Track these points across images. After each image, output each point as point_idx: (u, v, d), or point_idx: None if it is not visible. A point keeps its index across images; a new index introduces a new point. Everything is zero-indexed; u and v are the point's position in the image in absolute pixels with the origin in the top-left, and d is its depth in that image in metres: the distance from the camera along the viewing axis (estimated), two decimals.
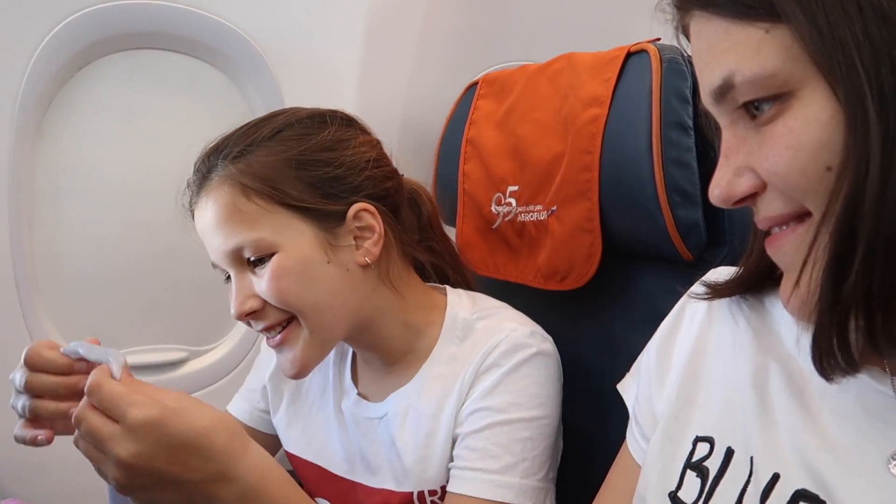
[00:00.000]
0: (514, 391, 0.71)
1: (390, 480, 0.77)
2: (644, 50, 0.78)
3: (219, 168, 0.72)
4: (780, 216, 0.43)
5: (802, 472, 0.46)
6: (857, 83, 0.37)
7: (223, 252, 0.71)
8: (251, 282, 0.71)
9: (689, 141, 0.74)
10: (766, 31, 0.40)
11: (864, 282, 0.39)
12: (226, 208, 0.70)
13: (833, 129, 0.38)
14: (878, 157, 0.37)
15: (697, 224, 0.75)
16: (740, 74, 0.41)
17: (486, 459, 0.70)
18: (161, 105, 1.04)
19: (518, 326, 0.74)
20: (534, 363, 0.73)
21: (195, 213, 0.75)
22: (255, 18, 1.01)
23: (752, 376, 0.52)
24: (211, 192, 0.72)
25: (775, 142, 0.41)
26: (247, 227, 0.70)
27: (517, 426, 0.71)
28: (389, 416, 0.77)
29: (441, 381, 0.75)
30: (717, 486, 0.50)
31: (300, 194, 0.71)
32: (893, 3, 0.37)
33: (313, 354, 0.73)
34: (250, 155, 0.72)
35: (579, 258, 0.82)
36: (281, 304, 0.71)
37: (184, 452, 0.57)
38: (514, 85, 0.94)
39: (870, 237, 0.38)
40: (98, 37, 0.95)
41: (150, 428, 0.56)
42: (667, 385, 0.58)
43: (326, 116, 0.76)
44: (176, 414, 0.57)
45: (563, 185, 0.83)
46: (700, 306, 0.59)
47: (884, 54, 0.37)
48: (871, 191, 0.37)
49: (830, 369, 0.43)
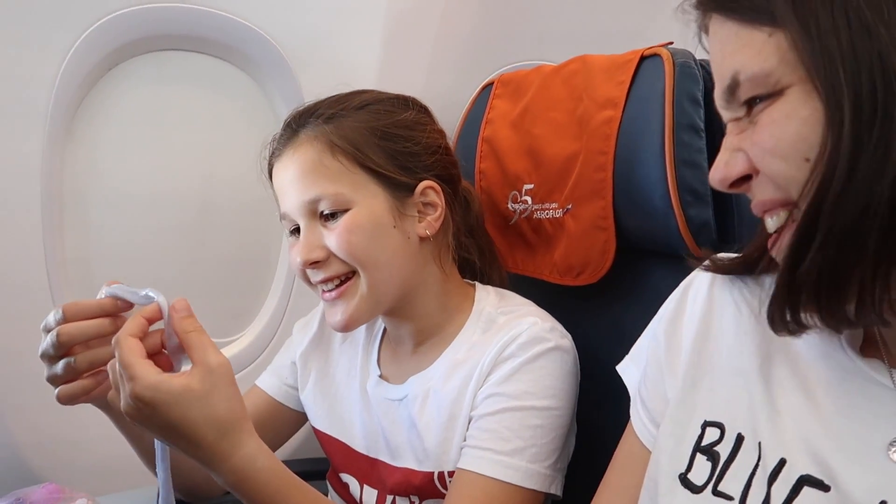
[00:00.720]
0: (528, 380, 0.74)
1: (412, 460, 0.80)
2: (657, 54, 0.80)
3: (310, 126, 0.78)
4: (771, 201, 0.47)
5: (808, 458, 0.48)
6: (837, 86, 0.41)
7: (300, 202, 0.76)
8: (320, 233, 0.76)
9: (700, 142, 0.76)
10: (769, 35, 0.44)
11: (816, 268, 0.42)
12: (311, 161, 0.76)
13: (812, 125, 0.42)
14: (847, 156, 0.40)
15: (708, 223, 0.77)
16: (744, 72, 0.45)
17: (496, 441, 0.73)
18: (187, 104, 1.07)
19: (539, 321, 0.77)
20: (551, 356, 0.76)
21: (276, 165, 0.81)
22: (278, 21, 1.03)
23: (759, 366, 0.54)
24: (299, 147, 0.78)
25: (762, 129, 0.45)
26: (329, 180, 0.76)
27: (529, 413, 0.73)
28: (409, 399, 0.81)
29: (461, 368, 0.78)
30: (727, 470, 0.52)
31: (380, 161, 0.77)
32: (877, 18, 0.40)
33: (364, 311, 0.78)
34: (341, 119, 0.78)
35: (594, 255, 0.84)
36: (347, 256, 0.76)
37: (174, 434, 0.61)
38: (529, 85, 0.96)
39: (827, 229, 0.41)
40: (127, 39, 0.97)
41: (143, 405, 0.60)
42: (678, 370, 0.59)
43: (409, 101, 0.84)
44: (168, 404, 0.60)
45: (578, 184, 0.85)
46: (701, 289, 0.60)
47: (864, 63, 0.40)
48: (835, 186, 0.41)
49: (777, 327, 0.48)
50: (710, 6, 0.48)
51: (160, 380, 0.60)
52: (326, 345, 0.92)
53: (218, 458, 0.62)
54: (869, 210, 0.40)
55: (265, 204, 1.16)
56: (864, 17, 0.40)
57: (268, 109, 1.11)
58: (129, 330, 0.63)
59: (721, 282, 0.60)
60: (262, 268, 1.20)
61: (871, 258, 0.41)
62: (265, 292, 1.20)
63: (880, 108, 0.40)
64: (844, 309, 0.43)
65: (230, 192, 1.13)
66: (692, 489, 0.53)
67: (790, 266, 0.44)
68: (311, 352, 0.92)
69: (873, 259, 0.41)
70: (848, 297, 0.43)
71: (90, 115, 1.01)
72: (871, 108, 0.40)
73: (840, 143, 0.40)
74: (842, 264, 0.42)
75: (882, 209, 0.40)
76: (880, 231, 0.40)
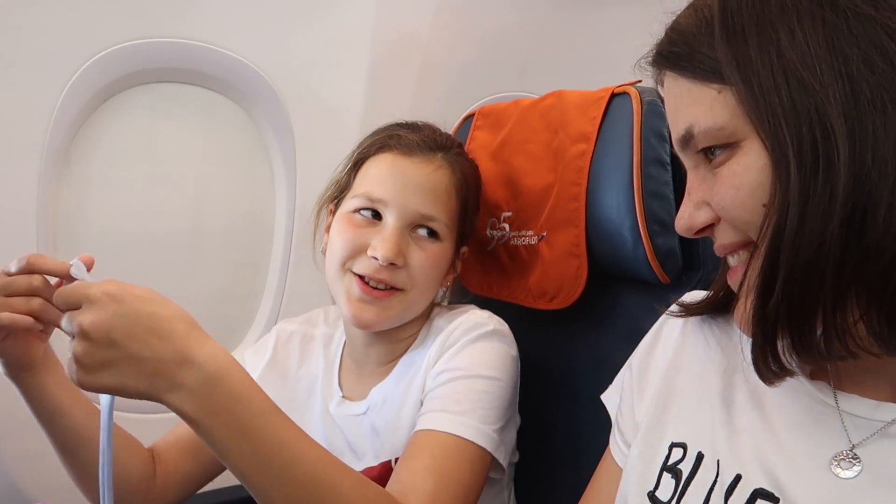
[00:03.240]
0: (471, 355, 0.80)
1: (371, 458, 0.84)
2: (626, 92, 0.84)
3: (449, 154, 0.87)
4: (732, 244, 0.50)
5: (760, 473, 0.51)
6: (781, 138, 0.45)
7: (417, 211, 0.82)
8: (407, 243, 0.82)
9: (666, 175, 0.80)
10: (718, 93, 0.48)
11: (785, 301, 0.45)
12: (445, 186, 0.84)
13: (767, 174, 0.46)
14: (797, 198, 0.44)
15: (674, 251, 0.81)
16: (697, 126, 0.49)
17: (448, 403, 0.77)
18: (179, 134, 1.10)
19: (477, 311, 0.85)
20: (490, 337, 0.82)
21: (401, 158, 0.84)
22: (268, 55, 1.07)
23: (721, 391, 0.58)
24: (439, 166, 0.85)
25: (723, 181, 0.48)
26: (446, 210, 0.84)
27: (475, 380, 0.78)
28: (371, 409, 0.85)
29: (411, 367, 0.84)
30: (688, 485, 0.55)
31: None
32: (812, 77, 0.44)
33: (393, 320, 0.83)
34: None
35: (567, 280, 0.88)
36: (420, 277, 0.82)
37: (143, 329, 0.56)
38: (508, 118, 0.99)
39: (789, 263, 0.44)
40: (123, 72, 1.00)
41: (109, 299, 0.56)
42: (646, 397, 0.63)
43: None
44: (137, 297, 0.57)
45: (553, 213, 0.89)
46: (675, 326, 0.65)
47: (804, 116, 0.44)
48: (791, 225, 0.44)
49: (764, 374, 0.50)
50: (665, 64, 0.52)
51: (123, 283, 0.58)
52: (282, 370, 0.93)
53: (194, 345, 0.57)
54: (823, 247, 0.43)
55: (256, 235, 1.19)
56: (801, 76, 0.44)
57: (257, 138, 1.15)
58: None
59: (693, 318, 0.64)
60: (252, 300, 1.22)
61: (829, 290, 0.44)
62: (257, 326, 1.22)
63: (822, 157, 0.43)
64: (815, 340, 0.45)
65: (221, 222, 1.16)
66: None
67: (760, 301, 0.46)
68: (267, 376, 0.92)
69: (832, 291, 0.44)
70: (815, 328, 0.45)
71: (88, 140, 1.04)
72: (813, 158, 0.43)
73: (789, 190, 0.44)
74: (805, 296, 0.44)
75: (834, 246, 0.43)
76: (835, 266, 0.43)
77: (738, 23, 0.47)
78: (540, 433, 0.85)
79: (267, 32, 1.06)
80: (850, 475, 0.48)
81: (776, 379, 0.50)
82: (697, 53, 0.48)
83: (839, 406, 0.51)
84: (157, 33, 1.00)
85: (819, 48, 0.44)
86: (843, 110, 0.43)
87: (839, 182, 0.43)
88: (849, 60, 0.43)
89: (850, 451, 0.49)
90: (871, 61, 0.43)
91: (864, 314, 0.44)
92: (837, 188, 0.43)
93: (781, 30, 0.45)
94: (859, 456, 0.48)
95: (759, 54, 0.45)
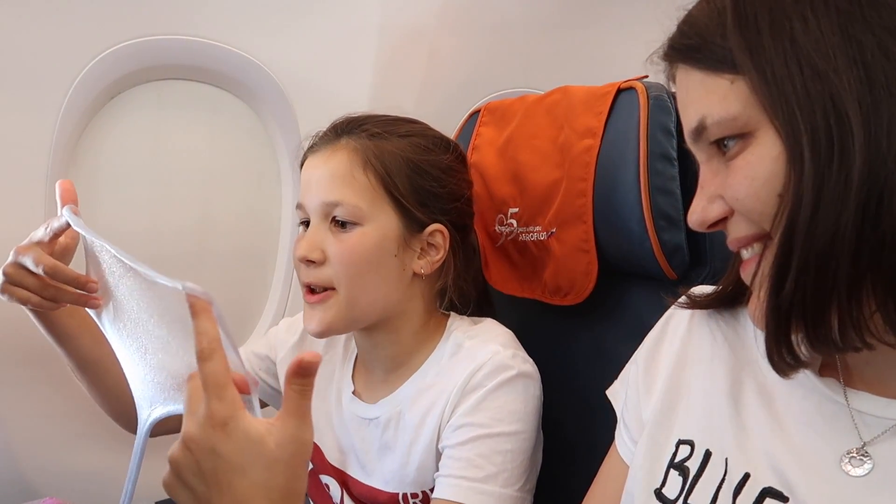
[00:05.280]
0: (495, 408, 0.77)
1: (379, 481, 0.83)
2: (633, 87, 0.84)
3: (353, 136, 0.82)
4: (746, 237, 0.50)
5: (769, 471, 0.51)
6: (795, 126, 0.44)
7: (320, 201, 0.80)
8: (324, 237, 0.79)
9: (672, 171, 0.80)
10: (731, 83, 0.47)
11: (799, 291, 0.45)
12: (343, 168, 0.80)
13: (782, 163, 0.45)
14: (811, 186, 0.44)
15: (681, 246, 0.80)
16: (710, 117, 0.49)
17: (470, 469, 0.75)
18: (186, 130, 1.10)
19: (501, 349, 0.79)
20: (515, 383, 0.78)
21: (310, 158, 0.84)
22: (275, 52, 1.07)
23: (729, 387, 0.57)
24: (338, 150, 0.81)
25: (737, 173, 0.48)
26: (353, 191, 0.79)
27: (498, 439, 0.76)
28: (380, 421, 0.84)
29: (428, 392, 0.81)
30: (696, 483, 0.55)
31: (404, 190, 0.81)
32: (826, 65, 0.44)
33: (339, 323, 0.81)
34: (384, 140, 0.82)
35: (578, 276, 0.87)
36: (343, 269, 0.78)
37: (225, 483, 0.49)
38: (514, 114, 0.99)
39: (803, 253, 0.44)
40: (130, 69, 1.00)
41: (218, 427, 0.49)
42: (653, 393, 0.63)
43: (451, 145, 0.88)
44: (245, 442, 0.49)
45: (561, 209, 0.89)
46: (682, 321, 0.64)
47: (818, 105, 0.44)
48: (804, 214, 0.44)
49: (779, 367, 0.50)
50: (677, 57, 0.52)
51: (243, 415, 0.50)
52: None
53: None
54: (837, 236, 0.43)
55: (262, 230, 1.20)
56: (815, 63, 0.44)
57: (263, 135, 1.15)
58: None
59: (700, 313, 0.63)
60: (258, 296, 1.21)
61: (844, 280, 0.44)
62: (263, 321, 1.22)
63: (836, 144, 0.43)
64: (830, 332, 0.45)
65: (227, 218, 1.16)
66: (665, 502, 0.56)
67: (774, 292, 0.46)
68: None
69: (847, 281, 0.44)
70: (831, 319, 0.45)
71: (92, 145, 1.04)
72: (828, 146, 0.43)
73: (803, 178, 0.44)
74: (820, 287, 0.44)
75: (849, 234, 0.43)
76: (850, 255, 0.43)
77: (751, 12, 0.47)
78: (545, 429, 0.85)
79: (273, 29, 1.07)
80: (861, 473, 0.48)
81: (791, 371, 0.50)
82: (710, 44, 0.48)
83: (849, 404, 0.51)
84: (164, 30, 1.00)
85: (833, 35, 0.44)
86: (858, 97, 0.43)
87: (854, 169, 0.42)
88: (863, 47, 0.43)
89: (861, 449, 0.49)
90: (885, 47, 0.43)
91: (881, 304, 0.44)
92: (852, 175, 0.42)
93: (795, 17, 0.45)
94: (870, 454, 0.48)
95: (773, 42, 0.45)
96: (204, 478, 0.49)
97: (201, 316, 0.51)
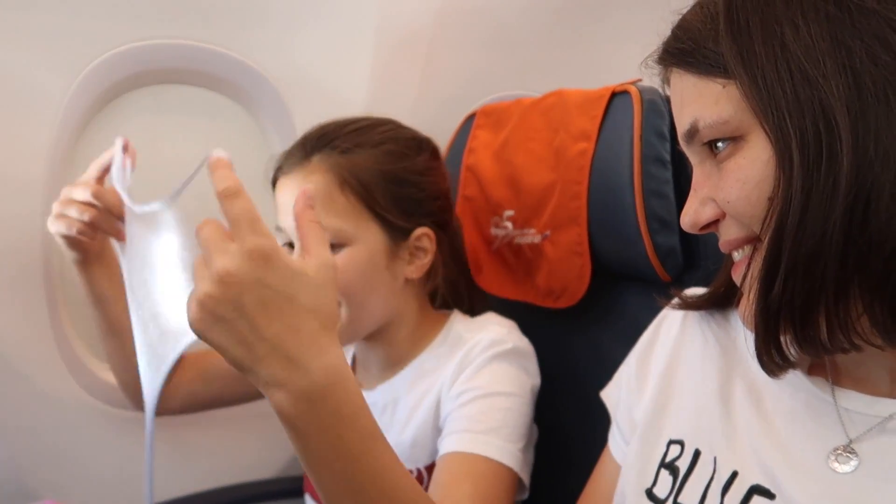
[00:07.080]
0: (492, 373, 0.79)
1: None
2: (626, 91, 0.84)
3: (325, 154, 0.80)
4: (737, 240, 0.51)
5: (757, 469, 0.52)
6: (784, 131, 0.45)
7: None
8: None
9: (666, 174, 0.81)
10: (723, 87, 0.48)
11: (788, 293, 0.46)
12: (321, 192, 0.78)
13: (772, 167, 0.46)
14: (799, 190, 0.44)
15: (675, 249, 0.81)
16: (703, 121, 0.49)
17: (472, 423, 0.76)
18: (183, 135, 1.10)
19: (498, 328, 0.83)
20: (510, 354, 0.80)
21: (282, 181, 0.82)
22: (272, 56, 1.07)
23: (719, 387, 0.58)
24: (312, 173, 0.79)
25: (729, 175, 0.49)
26: (334, 215, 0.78)
27: (497, 398, 0.77)
28: (377, 405, 0.85)
29: (426, 377, 0.83)
30: (685, 482, 0.56)
31: (385, 204, 0.80)
32: (816, 70, 0.45)
33: (343, 340, 0.81)
34: (356, 154, 0.80)
35: (572, 279, 0.88)
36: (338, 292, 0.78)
37: (275, 309, 0.49)
38: (509, 117, 1.00)
39: (791, 256, 0.45)
40: (128, 73, 1.00)
41: (259, 259, 0.48)
42: (645, 394, 0.64)
43: (422, 143, 0.86)
44: (288, 271, 0.49)
45: (555, 212, 0.89)
46: (674, 323, 0.65)
47: (808, 109, 0.45)
48: (793, 217, 0.45)
49: (769, 367, 0.50)
50: (671, 61, 0.52)
51: (279, 246, 0.50)
52: None
53: (314, 351, 0.50)
54: (825, 239, 0.44)
55: None
56: (805, 69, 0.45)
57: (260, 139, 1.15)
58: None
59: (692, 315, 0.64)
60: None
61: (832, 283, 0.44)
62: None
63: (825, 149, 0.44)
64: (818, 333, 0.46)
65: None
66: (656, 502, 0.57)
67: (763, 293, 0.47)
68: None
69: (834, 283, 0.44)
70: (819, 320, 0.45)
71: (92, 141, 1.04)
72: (816, 150, 0.44)
73: (792, 182, 0.45)
74: (808, 289, 0.45)
75: (837, 238, 0.43)
76: (837, 258, 0.44)
77: (743, 17, 0.47)
78: (540, 430, 0.86)
79: (270, 33, 1.07)
80: (848, 470, 0.49)
81: (780, 371, 0.51)
82: (703, 49, 0.49)
83: (837, 401, 0.51)
84: (162, 35, 1.01)
85: (823, 42, 0.45)
86: (847, 102, 0.43)
87: (842, 173, 0.43)
88: (852, 53, 0.44)
89: (848, 446, 0.49)
90: (874, 54, 0.44)
91: (868, 307, 0.45)
92: (840, 179, 0.43)
93: (786, 24, 0.46)
94: (856, 451, 0.49)
95: (764, 48, 0.46)
96: (245, 311, 0.48)
97: (220, 170, 0.52)
